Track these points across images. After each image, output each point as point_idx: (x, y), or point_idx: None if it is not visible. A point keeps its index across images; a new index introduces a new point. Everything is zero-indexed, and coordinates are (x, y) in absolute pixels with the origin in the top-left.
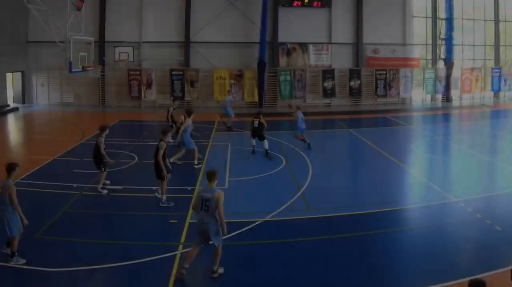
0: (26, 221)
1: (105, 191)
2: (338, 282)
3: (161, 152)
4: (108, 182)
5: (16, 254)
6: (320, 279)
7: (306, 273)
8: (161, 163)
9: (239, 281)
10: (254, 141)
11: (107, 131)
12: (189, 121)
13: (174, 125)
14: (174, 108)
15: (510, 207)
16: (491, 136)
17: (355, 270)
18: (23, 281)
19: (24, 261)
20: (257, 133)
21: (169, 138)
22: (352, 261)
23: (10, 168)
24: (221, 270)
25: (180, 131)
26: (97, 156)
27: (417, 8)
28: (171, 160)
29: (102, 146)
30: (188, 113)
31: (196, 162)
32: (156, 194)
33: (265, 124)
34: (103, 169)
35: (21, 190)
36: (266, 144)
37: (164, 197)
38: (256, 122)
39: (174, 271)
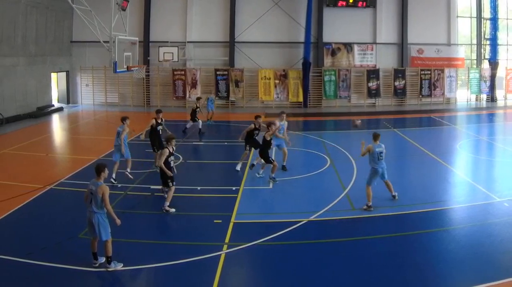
0: (118, 221)
1: (173, 210)
2: (382, 282)
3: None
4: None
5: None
6: (364, 279)
7: (350, 273)
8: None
9: (282, 280)
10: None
11: (173, 142)
12: (126, 128)
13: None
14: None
15: None
16: None
17: (399, 270)
18: (66, 280)
19: (121, 264)
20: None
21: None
22: (396, 261)
23: (100, 169)
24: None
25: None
26: (162, 173)
27: (462, 8)
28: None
29: (164, 157)
30: (123, 119)
31: (128, 169)
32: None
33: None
34: (170, 183)
35: (66, 189)
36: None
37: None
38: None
39: (218, 271)
